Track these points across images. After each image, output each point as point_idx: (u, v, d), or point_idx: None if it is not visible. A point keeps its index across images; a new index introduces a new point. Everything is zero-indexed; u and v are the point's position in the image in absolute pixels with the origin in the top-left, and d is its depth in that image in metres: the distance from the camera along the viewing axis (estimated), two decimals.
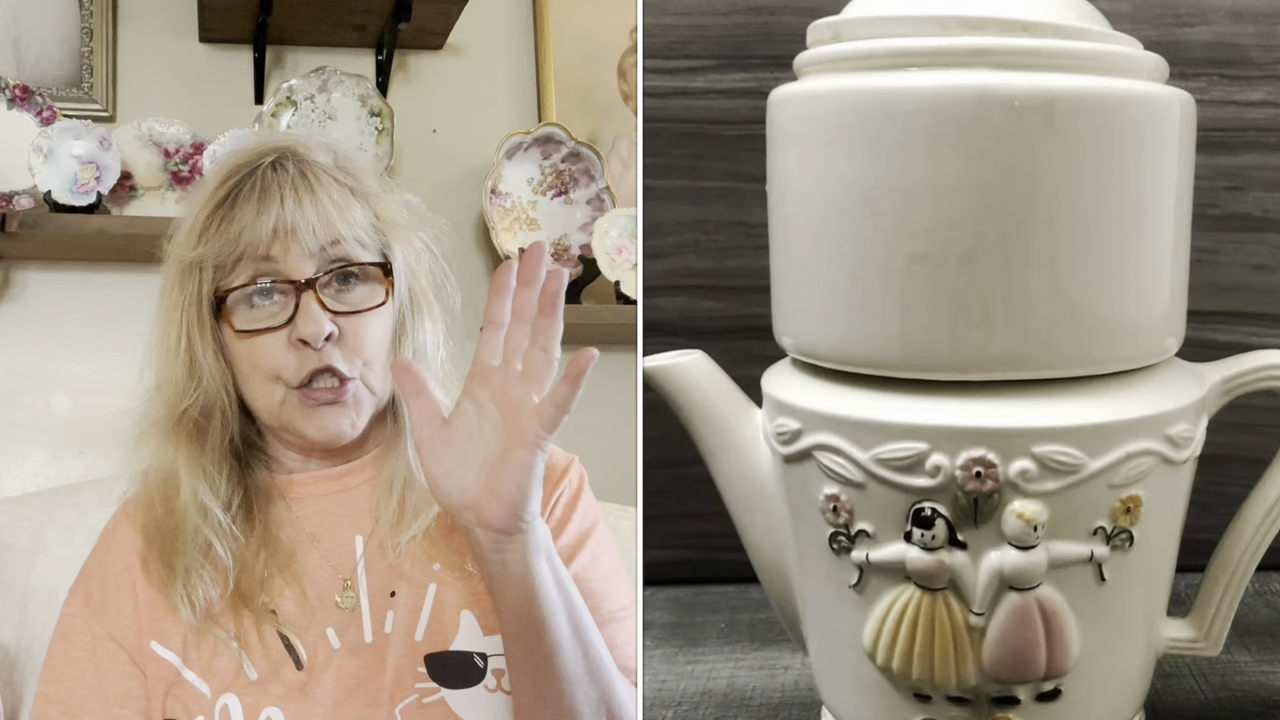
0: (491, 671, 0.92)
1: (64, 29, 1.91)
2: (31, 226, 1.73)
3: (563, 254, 1.99)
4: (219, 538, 0.92)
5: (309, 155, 0.95)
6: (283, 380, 0.92)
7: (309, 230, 0.91)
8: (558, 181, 2.01)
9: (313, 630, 0.93)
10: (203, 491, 0.93)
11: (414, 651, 0.92)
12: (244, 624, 0.92)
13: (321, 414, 0.93)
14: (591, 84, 2.10)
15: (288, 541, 0.95)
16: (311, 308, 0.90)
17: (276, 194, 0.91)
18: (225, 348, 0.93)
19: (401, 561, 0.94)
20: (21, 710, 1.22)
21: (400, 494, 0.95)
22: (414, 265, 0.97)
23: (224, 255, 0.91)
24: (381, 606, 0.94)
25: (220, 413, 0.94)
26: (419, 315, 0.98)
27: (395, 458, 0.97)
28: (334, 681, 0.91)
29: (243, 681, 0.91)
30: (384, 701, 0.90)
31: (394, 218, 0.97)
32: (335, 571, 0.95)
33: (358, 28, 1.96)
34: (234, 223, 0.91)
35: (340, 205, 0.93)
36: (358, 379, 0.93)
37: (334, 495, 0.98)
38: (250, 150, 0.95)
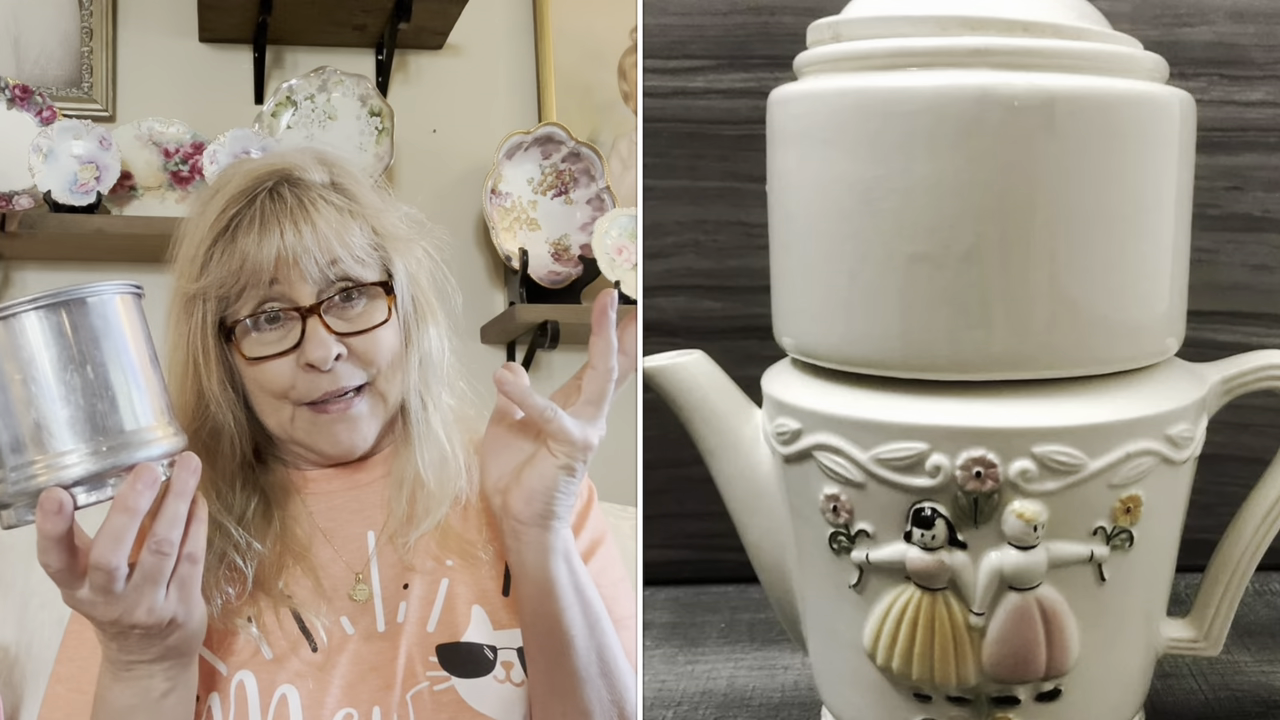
0: (501, 663, 0.93)
1: (64, 29, 1.91)
2: (31, 226, 1.73)
3: (563, 254, 1.99)
4: (236, 552, 0.93)
5: (305, 177, 0.96)
6: (291, 400, 0.94)
7: (309, 258, 0.92)
8: (558, 181, 2.01)
9: (328, 617, 0.95)
10: (217, 510, 0.93)
11: (426, 641, 0.93)
12: (261, 608, 0.94)
13: (335, 430, 0.95)
14: (591, 84, 2.10)
15: (303, 535, 0.97)
16: (318, 332, 0.92)
17: (275, 225, 0.92)
18: (234, 371, 0.95)
19: (414, 556, 0.96)
20: (22, 710, 1.22)
21: (410, 493, 0.97)
22: (415, 273, 0.99)
23: (227, 286, 0.92)
24: (394, 597, 0.95)
25: (229, 436, 0.95)
26: (424, 322, 0.99)
27: (405, 459, 0.98)
28: (348, 664, 0.93)
29: (259, 660, 0.93)
30: (396, 686, 0.92)
31: (392, 230, 0.98)
32: (348, 566, 0.97)
33: (358, 28, 1.96)
34: (235, 254, 0.92)
35: (338, 228, 0.94)
36: (368, 386, 0.95)
37: (347, 492, 0.99)
38: (247, 175, 0.96)
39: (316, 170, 0.97)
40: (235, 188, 0.95)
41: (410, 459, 0.98)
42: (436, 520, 0.96)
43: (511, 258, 1.94)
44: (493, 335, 1.99)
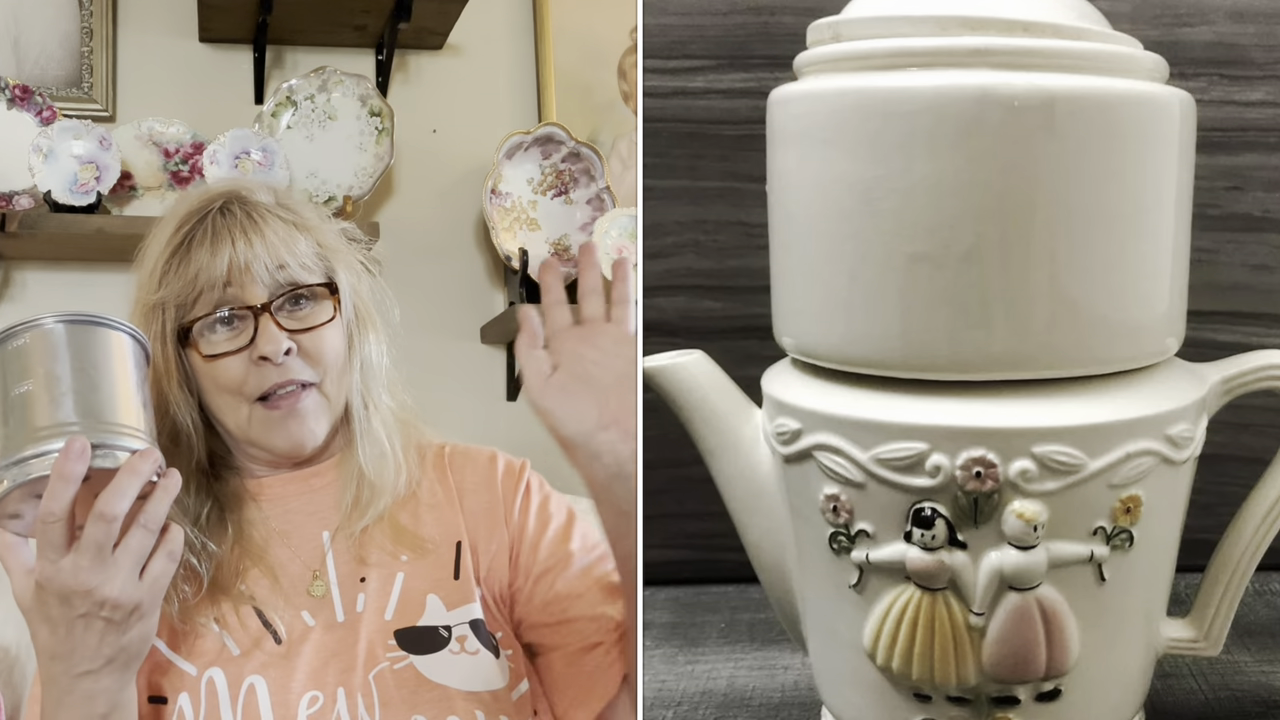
0: (455, 638, 0.99)
1: (64, 29, 1.91)
2: (31, 226, 1.73)
3: (563, 254, 1.99)
4: (191, 553, 0.98)
5: (252, 197, 1.04)
6: (245, 395, 1.00)
7: (259, 263, 1.00)
8: (558, 181, 2.01)
9: (288, 612, 1.00)
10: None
11: (385, 628, 0.99)
12: (223, 609, 1.00)
13: (286, 426, 1.01)
14: (591, 84, 2.10)
15: (259, 539, 1.03)
16: (269, 328, 0.99)
17: (227, 236, 1.00)
18: (192, 374, 1.02)
19: (368, 551, 1.02)
20: (22, 710, 1.22)
21: (356, 486, 1.03)
22: (356, 285, 1.07)
23: (184, 295, 1.00)
24: (352, 590, 1.00)
25: (186, 437, 1.02)
26: (364, 330, 1.07)
27: (350, 456, 1.05)
28: (311, 652, 0.98)
29: (225, 656, 0.98)
30: (358, 668, 0.96)
31: (334, 244, 1.06)
32: (305, 565, 1.02)
33: (358, 28, 1.96)
34: (190, 265, 1.00)
35: (285, 239, 1.02)
36: (316, 385, 1.02)
37: (301, 496, 1.05)
38: (198, 198, 1.05)
39: (263, 193, 1.06)
40: (187, 207, 1.04)
41: (353, 456, 1.04)
42: (379, 511, 1.02)
43: (511, 258, 1.94)
44: (493, 335, 1.99)
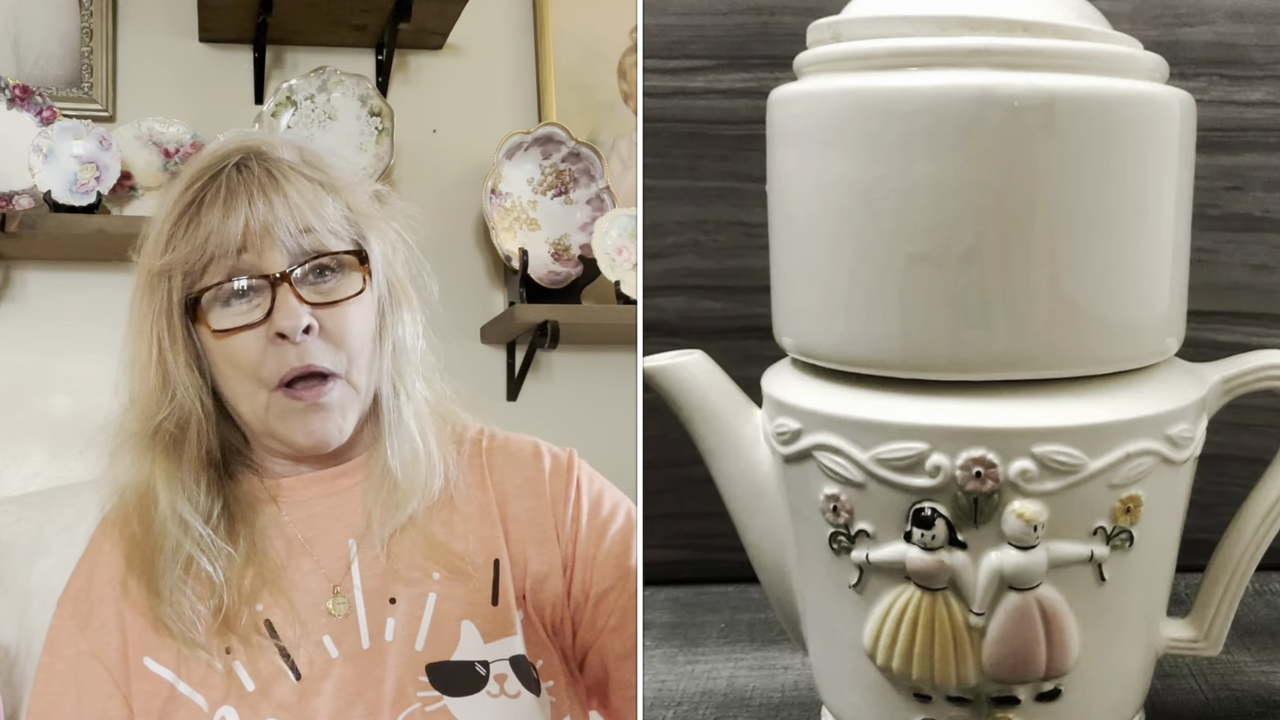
0: (494, 677, 0.91)
1: (64, 29, 1.91)
2: (31, 226, 1.73)
3: (563, 254, 1.99)
4: (202, 551, 0.90)
5: (274, 153, 0.93)
6: (262, 381, 0.89)
7: (281, 227, 0.88)
8: (558, 181, 2.01)
9: (308, 640, 0.91)
10: (181, 505, 0.91)
11: (415, 661, 0.90)
12: (237, 638, 0.91)
13: (308, 418, 0.90)
14: (591, 84, 2.10)
15: (276, 553, 0.93)
16: (289, 301, 0.88)
17: (244, 194, 0.89)
18: (203, 353, 0.91)
19: (398, 565, 0.93)
20: (22, 710, 1.22)
21: (384, 490, 0.94)
22: (390, 256, 0.95)
23: (192, 261, 0.89)
24: (379, 611, 0.92)
25: (196, 424, 0.91)
26: (398, 308, 0.96)
27: (378, 453, 0.95)
28: (333, 691, 0.89)
29: (238, 693, 0.89)
30: (385, 710, 0.89)
31: (366, 208, 0.95)
32: (327, 578, 0.93)
33: (358, 28, 1.96)
34: (200, 227, 0.89)
35: (310, 199, 0.90)
36: (341, 376, 0.91)
37: (327, 498, 0.96)
38: (214, 153, 0.93)
39: (285, 149, 0.94)
40: (200, 165, 0.92)
41: (383, 453, 0.94)
42: (407, 514, 0.92)
43: (511, 258, 1.94)
44: (493, 335, 1.99)
